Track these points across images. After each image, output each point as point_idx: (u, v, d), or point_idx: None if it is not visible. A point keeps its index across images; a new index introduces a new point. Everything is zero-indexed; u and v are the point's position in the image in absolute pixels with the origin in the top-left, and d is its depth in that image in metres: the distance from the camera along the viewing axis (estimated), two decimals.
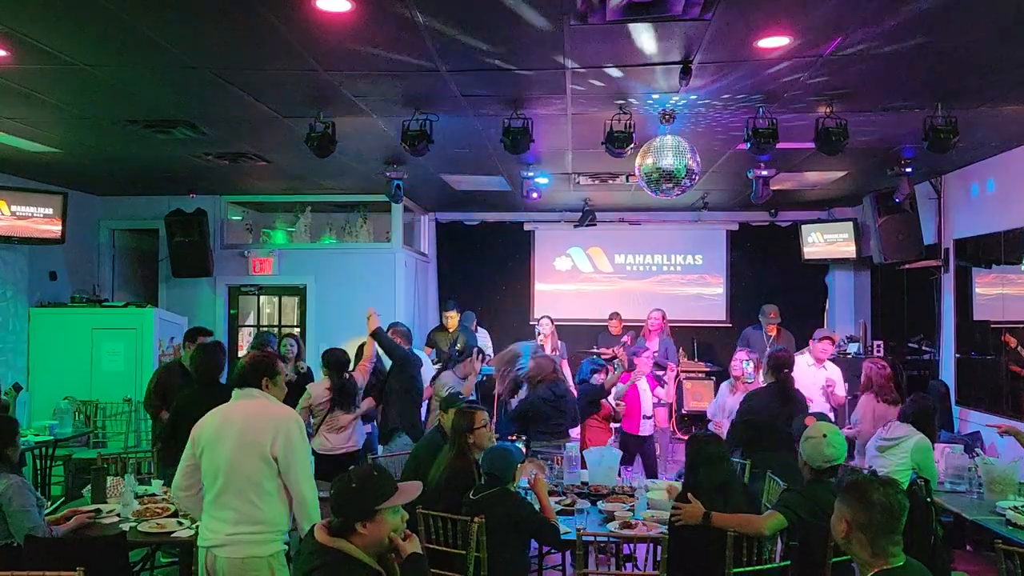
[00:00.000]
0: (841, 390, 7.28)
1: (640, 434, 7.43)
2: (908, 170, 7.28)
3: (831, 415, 6.74)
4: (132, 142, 6.94)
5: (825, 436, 4.06)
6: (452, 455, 4.66)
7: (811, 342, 7.56)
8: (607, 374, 7.11)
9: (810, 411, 6.20)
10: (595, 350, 9.77)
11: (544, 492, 4.47)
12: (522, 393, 6.95)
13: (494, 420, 8.06)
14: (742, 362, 7.20)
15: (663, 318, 9.38)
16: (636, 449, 7.46)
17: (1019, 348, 7.10)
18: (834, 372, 7.33)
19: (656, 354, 8.70)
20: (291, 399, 7.54)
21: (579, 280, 11.75)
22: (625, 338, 9.43)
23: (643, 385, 7.59)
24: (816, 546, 3.92)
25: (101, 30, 4.37)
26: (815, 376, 7.27)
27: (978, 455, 5.65)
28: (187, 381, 6.07)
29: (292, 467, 3.58)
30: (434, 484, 4.49)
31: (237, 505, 3.55)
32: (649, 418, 7.53)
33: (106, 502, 4.89)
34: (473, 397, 7.02)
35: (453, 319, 9.73)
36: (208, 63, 4.92)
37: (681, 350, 10.03)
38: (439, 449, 4.92)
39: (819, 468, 4.04)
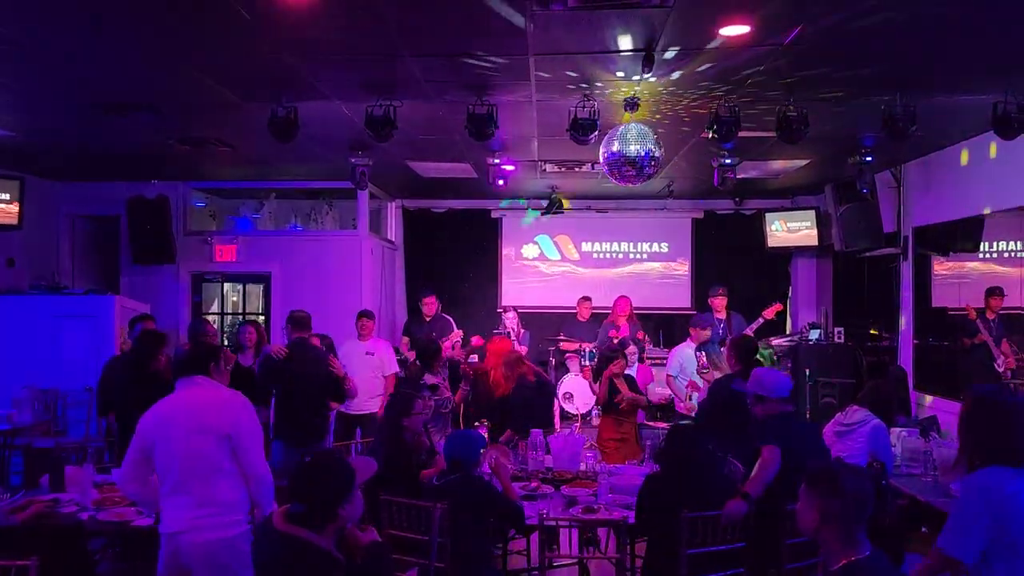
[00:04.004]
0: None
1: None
2: (868, 159, 7.38)
3: None
4: (91, 126, 6.82)
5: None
6: (387, 439, 4.74)
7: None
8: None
9: None
10: (560, 337, 9.82)
11: (506, 475, 4.51)
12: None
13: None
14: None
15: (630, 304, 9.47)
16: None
17: (978, 321, 7.25)
18: None
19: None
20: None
21: (546, 267, 11.78)
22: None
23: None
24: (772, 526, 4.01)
25: (58, 10, 4.28)
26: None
27: (934, 439, 5.77)
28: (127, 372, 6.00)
29: (246, 447, 3.62)
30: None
31: (196, 490, 3.56)
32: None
33: (65, 491, 4.83)
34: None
35: (430, 305, 9.65)
36: (167, 46, 4.85)
37: (647, 336, 10.09)
38: None
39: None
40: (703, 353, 7.06)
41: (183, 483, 3.58)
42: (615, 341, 8.59)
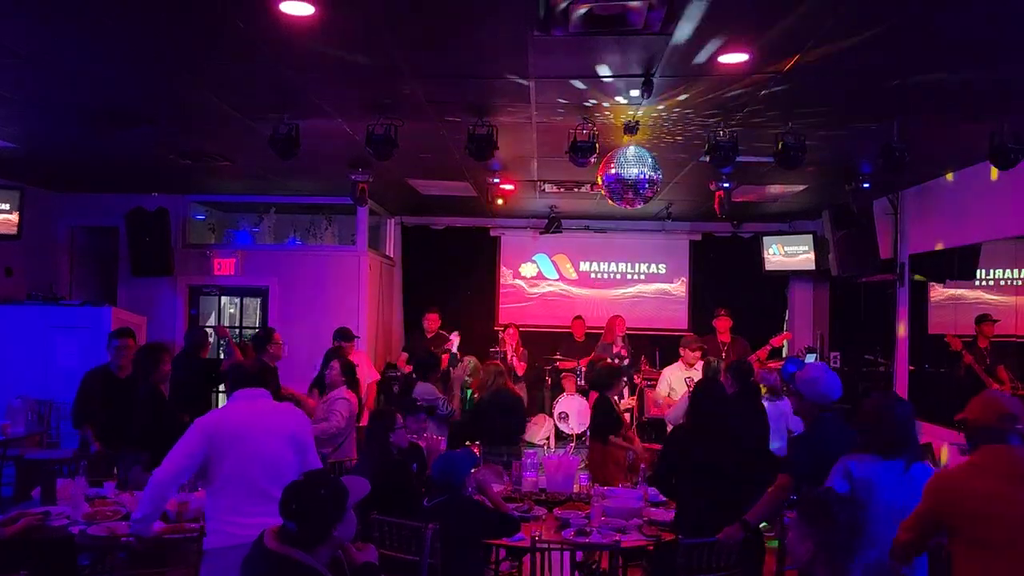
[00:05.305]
0: None
1: None
2: (866, 185, 7.41)
3: None
4: (92, 138, 6.84)
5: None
6: (376, 455, 4.79)
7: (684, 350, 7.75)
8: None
9: None
10: (557, 356, 9.82)
11: (490, 491, 4.61)
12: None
13: None
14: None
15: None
16: None
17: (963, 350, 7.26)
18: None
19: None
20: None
21: (544, 286, 11.79)
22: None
23: None
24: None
25: (59, 23, 4.31)
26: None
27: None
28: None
29: (311, 462, 3.80)
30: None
31: (279, 493, 3.54)
32: None
33: (56, 504, 4.81)
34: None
35: (432, 321, 9.60)
36: (169, 60, 4.88)
37: (643, 357, 10.11)
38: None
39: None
40: (691, 379, 7.08)
41: (264, 487, 3.57)
42: (617, 361, 8.65)
